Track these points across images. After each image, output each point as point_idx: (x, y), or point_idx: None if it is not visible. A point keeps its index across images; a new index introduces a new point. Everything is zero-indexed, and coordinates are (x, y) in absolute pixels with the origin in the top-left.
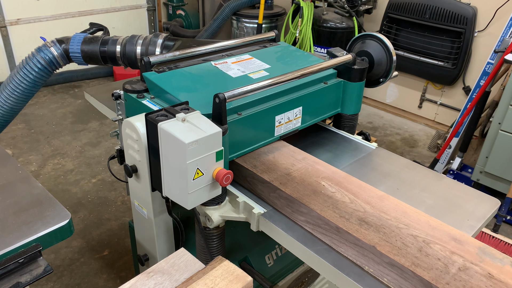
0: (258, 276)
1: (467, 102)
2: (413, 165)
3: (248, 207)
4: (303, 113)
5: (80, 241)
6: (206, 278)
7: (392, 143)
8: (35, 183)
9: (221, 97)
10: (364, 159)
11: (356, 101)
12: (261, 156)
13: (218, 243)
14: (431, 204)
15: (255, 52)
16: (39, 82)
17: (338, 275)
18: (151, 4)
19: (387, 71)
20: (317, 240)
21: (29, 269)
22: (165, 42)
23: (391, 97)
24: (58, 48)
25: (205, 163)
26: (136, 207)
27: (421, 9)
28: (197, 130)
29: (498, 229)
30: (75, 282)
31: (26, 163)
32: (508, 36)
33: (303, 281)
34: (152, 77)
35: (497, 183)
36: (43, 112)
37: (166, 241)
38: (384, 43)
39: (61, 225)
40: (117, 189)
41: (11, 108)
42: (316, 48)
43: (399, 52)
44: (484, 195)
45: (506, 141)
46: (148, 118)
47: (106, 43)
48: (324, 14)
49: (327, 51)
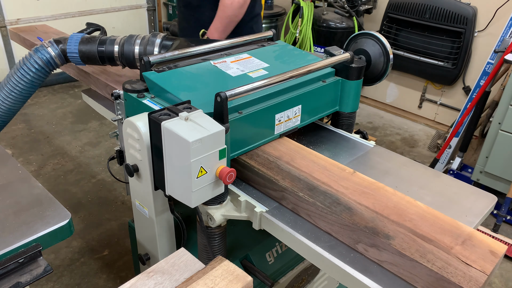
0: (259, 273)
1: (467, 102)
2: (411, 163)
3: (250, 206)
4: (302, 112)
5: (80, 241)
6: (206, 278)
7: (392, 143)
8: (35, 183)
9: (222, 96)
10: (363, 158)
11: (354, 99)
12: None
13: (220, 242)
14: (430, 200)
15: (254, 51)
16: (37, 82)
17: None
18: (151, 4)
19: (384, 69)
20: (321, 238)
21: (29, 269)
22: (163, 41)
23: (391, 97)
24: (56, 48)
25: (209, 162)
26: (137, 207)
27: (421, 9)
28: (200, 128)
29: (498, 229)
30: (75, 282)
31: (26, 163)
32: (508, 36)
33: (303, 278)
34: (152, 76)
35: (497, 183)
36: (43, 112)
37: (167, 240)
38: (381, 41)
39: (61, 225)
40: (117, 189)
41: (9, 109)
42: (316, 48)
43: (399, 52)
44: (481, 192)
45: (506, 141)
46: (151, 117)
47: (104, 43)
48: (324, 14)
49: (325, 50)
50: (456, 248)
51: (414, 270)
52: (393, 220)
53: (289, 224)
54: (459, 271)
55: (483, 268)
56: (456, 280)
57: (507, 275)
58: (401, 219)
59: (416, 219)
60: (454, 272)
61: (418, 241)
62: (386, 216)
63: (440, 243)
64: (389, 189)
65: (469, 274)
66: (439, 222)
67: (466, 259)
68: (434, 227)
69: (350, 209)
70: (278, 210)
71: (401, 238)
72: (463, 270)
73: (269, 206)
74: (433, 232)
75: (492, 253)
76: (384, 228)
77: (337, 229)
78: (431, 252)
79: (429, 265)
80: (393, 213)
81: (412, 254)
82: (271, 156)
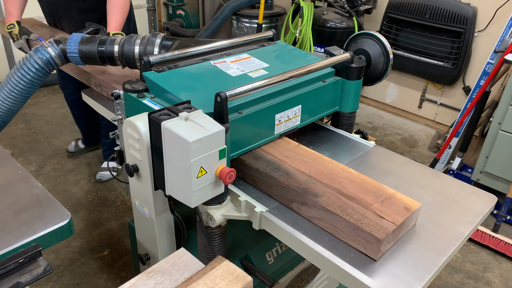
0: (260, 273)
1: (467, 102)
2: (411, 163)
3: (250, 206)
4: (302, 112)
5: (80, 241)
6: (206, 278)
7: (392, 143)
8: (35, 183)
9: (222, 96)
10: (363, 158)
11: (354, 99)
12: None
13: (220, 242)
14: (430, 200)
15: (254, 51)
16: (37, 82)
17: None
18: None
19: (384, 69)
20: (321, 238)
21: (29, 269)
22: (163, 41)
23: (391, 97)
24: (56, 48)
25: (209, 162)
26: (137, 207)
27: (421, 9)
28: (200, 128)
29: (498, 229)
30: (75, 282)
31: (26, 163)
32: (508, 36)
33: (303, 278)
34: (152, 76)
35: (497, 183)
36: (43, 112)
37: (167, 240)
38: (381, 41)
39: (61, 225)
40: (117, 189)
41: (9, 109)
42: (316, 48)
43: (399, 52)
44: (481, 192)
45: (506, 141)
46: (151, 117)
47: (104, 43)
48: (324, 14)
49: (325, 50)
50: (374, 205)
51: (336, 223)
52: (324, 182)
53: (289, 224)
54: (373, 222)
55: (394, 220)
56: (368, 229)
57: (507, 275)
58: (331, 182)
59: (345, 182)
60: (368, 223)
61: (342, 199)
62: (319, 180)
63: (362, 201)
64: (326, 159)
65: (380, 224)
66: (365, 185)
67: (381, 213)
68: (359, 189)
69: (288, 174)
70: (278, 210)
71: (328, 196)
72: (376, 222)
73: (269, 206)
74: (358, 192)
75: (406, 209)
76: (314, 189)
77: (276, 192)
78: (352, 208)
79: (347, 217)
80: (325, 177)
81: (335, 209)
82: None
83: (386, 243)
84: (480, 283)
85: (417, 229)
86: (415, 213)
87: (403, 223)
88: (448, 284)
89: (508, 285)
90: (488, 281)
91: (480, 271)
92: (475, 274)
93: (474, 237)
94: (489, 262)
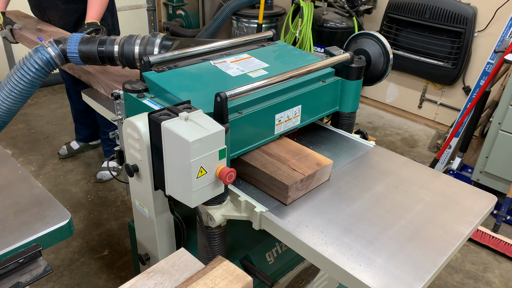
0: (260, 274)
1: (467, 102)
2: (411, 163)
3: (250, 206)
4: (302, 112)
5: (80, 241)
6: (206, 278)
7: (392, 143)
8: (35, 183)
9: (222, 96)
10: (363, 158)
11: (354, 99)
12: None
13: (220, 242)
14: (430, 200)
15: (254, 51)
16: (37, 82)
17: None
18: (151, 4)
19: (384, 69)
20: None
21: (29, 269)
22: (163, 41)
23: (391, 97)
24: (55, 48)
25: (209, 162)
26: (137, 207)
27: (421, 9)
28: (200, 128)
29: (498, 229)
30: (75, 282)
31: (26, 163)
32: (508, 36)
33: (303, 278)
34: (152, 76)
35: (497, 183)
36: (43, 112)
37: (167, 240)
38: (381, 41)
39: (61, 225)
40: (117, 189)
41: (9, 109)
42: (316, 48)
43: (399, 52)
44: (481, 192)
45: (506, 141)
46: (151, 117)
47: (104, 43)
48: (324, 14)
49: (325, 50)
50: (291, 161)
51: (257, 175)
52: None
53: (289, 224)
54: (285, 173)
55: (303, 172)
56: (279, 178)
57: (507, 275)
58: (266, 148)
59: (273, 146)
60: (281, 174)
61: (265, 157)
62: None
63: (281, 158)
64: (286, 139)
65: (291, 175)
66: (288, 147)
67: (295, 167)
68: (282, 149)
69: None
70: (278, 210)
71: (254, 156)
72: (288, 173)
73: (269, 206)
74: (280, 152)
75: (317, 164)
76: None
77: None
78: (271, 163)
79: (265, 170)
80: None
81: (256, 165)
82: None
83: (296, 190)
84: (480, 283)
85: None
86: (326, 168)
87: (312, 175)
88: (448, 284)
89: (508, 285)
90: (488, 281)
91: (480, 271)
92: (475, 274)
93: (474, 237)
94: (489, 262)
